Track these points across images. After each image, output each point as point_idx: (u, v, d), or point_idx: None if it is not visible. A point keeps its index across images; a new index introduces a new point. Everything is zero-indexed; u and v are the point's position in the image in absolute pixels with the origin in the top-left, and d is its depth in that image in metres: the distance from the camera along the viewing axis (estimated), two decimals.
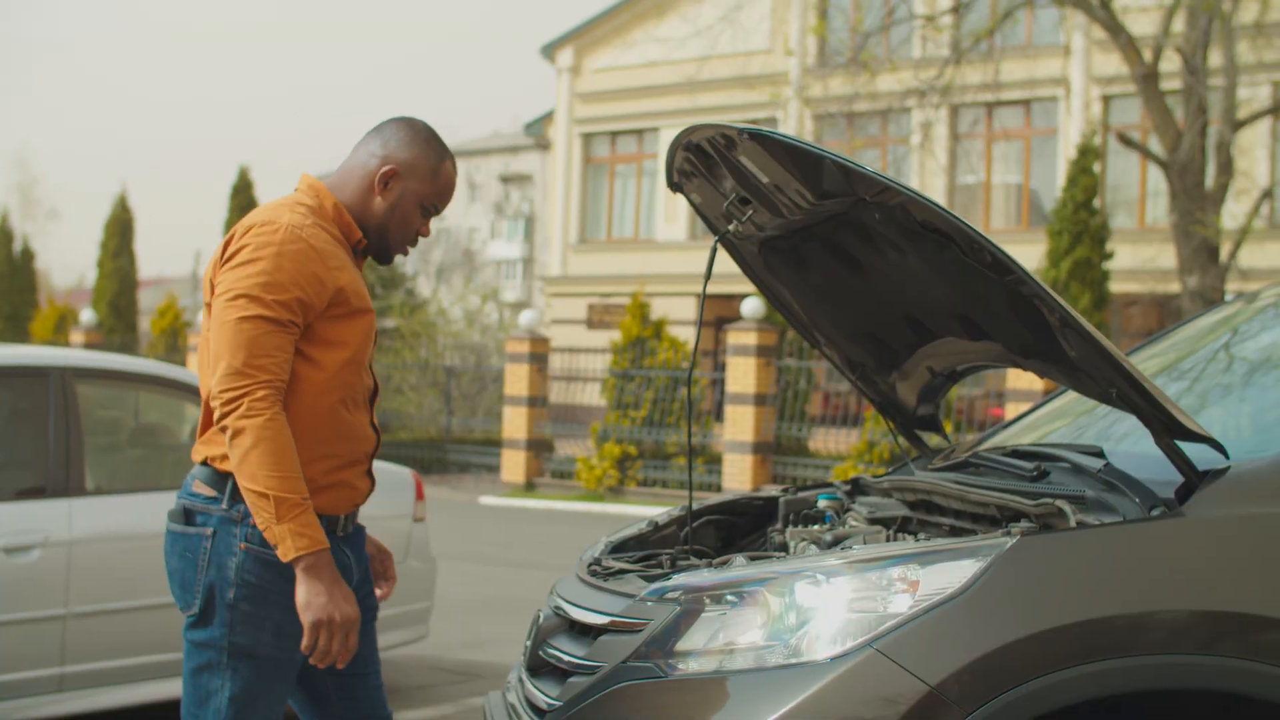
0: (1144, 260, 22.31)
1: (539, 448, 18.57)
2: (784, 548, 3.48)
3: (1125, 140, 16.97)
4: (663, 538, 3.73)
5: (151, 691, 5.29)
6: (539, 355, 18.62)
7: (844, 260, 3.50)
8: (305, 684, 3.05)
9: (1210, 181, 16.07)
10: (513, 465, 18.53)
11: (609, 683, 2.78)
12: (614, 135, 31.46)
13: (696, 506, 3.78)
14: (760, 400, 16.33)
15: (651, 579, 3.06)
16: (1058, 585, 2.63)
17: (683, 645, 2.73)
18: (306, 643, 2.76)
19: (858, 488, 3.93)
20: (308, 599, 2.75)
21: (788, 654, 2.63)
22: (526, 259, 49.86)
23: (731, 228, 3.48)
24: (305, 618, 2.75)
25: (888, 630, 2.58)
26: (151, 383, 5.86)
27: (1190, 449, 2.81)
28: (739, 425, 16.39)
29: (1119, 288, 21.32)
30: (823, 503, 3.72)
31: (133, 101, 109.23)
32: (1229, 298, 14.43)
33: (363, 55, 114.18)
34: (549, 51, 31.94)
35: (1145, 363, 3.99)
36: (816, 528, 3.54)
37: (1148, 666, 2.60)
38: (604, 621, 2.94)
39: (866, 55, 17.06)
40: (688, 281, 28.10)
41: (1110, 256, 17.40)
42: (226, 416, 2.75)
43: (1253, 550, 2.73)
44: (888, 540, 3.34)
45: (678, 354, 17.74)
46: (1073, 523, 2.73)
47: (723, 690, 2.64)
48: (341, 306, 2.90)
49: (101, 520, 5.21)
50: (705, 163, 3.37)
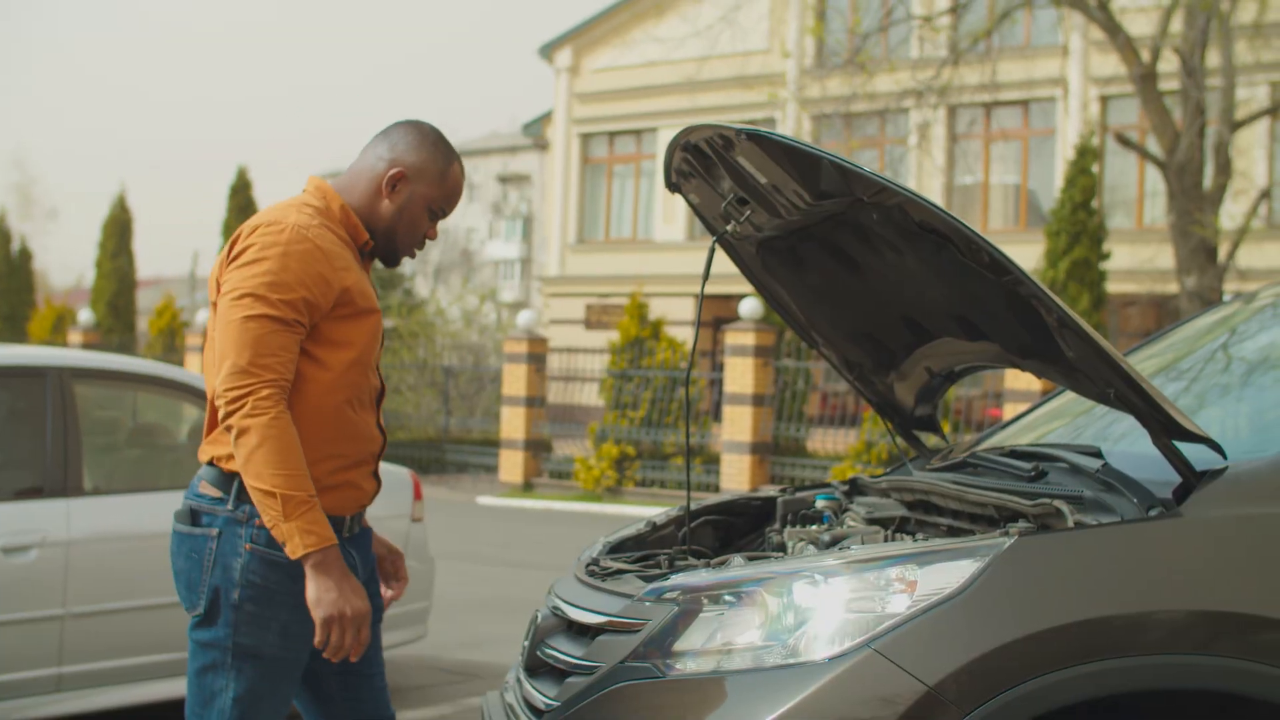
0: (1142, 260, 22.32)
1: (537, 448, 18.57)
2: (782, 548, 3.48)
3: (1123, 140, 16.97)
4: (661, 538, 3.73)
5: (149, 692, 5.28)
6: (537, 355, 18.61)
7: (842, 260, 3.50)
8: (310, 684, 3.06)
9: (1208, 182, 16.07)
10: (511, 465, 18.53)
11: (607, 683, 2.77)
12: (612, 135, 31.45)
13: (694, 507, 3.78)
14: (758, 400, 16.33)
15: (649, 579, 3.06)
16: (1056, 585, 2.63)
17: (681, 645, 2.72)
18: (319, 639, 2.77)
19: (856, 488, 3.93)
20: (318, 595, 2.75)
21: (786, 654, 2.63)
22: (524, 259, 49.88)
23: (729, 228, 3.48)
24: (316, 614, 2.75)
25: (886, 630, 2.58)
26: (149, 383, 5.86)
27: (1188, 449, 2.81)
28: (737, 425, 16.40)
29: (1117, 288, 21.33)
30: (821, 503, 3.71)
31: (132, 101, 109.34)
32: (1227, 298, 14.45)
33: (362, 55, 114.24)
34: (547, 52, 31.93)
35: (1143, 363, 3.99)
36: (814, 528, 3.53)
37: (1145, 666, 2.60)
38: (602, 621, 2.93)
39: (864, 56, 17.05)
40: (686, 282, 28.10)
41: (1108, 257, 17.41)
42: (231, 415, 2.75)
43: (1250, 550, 2.73)
44: (886, 540, 3.34)
45: (676, 354, 17.74)
46: (1070, 523, 2.73)
47: (720, 690, 2.64)
48: (347, 307, 2.90)
49: (99, 520, 5.20)
50: (703, 163, 3.36)
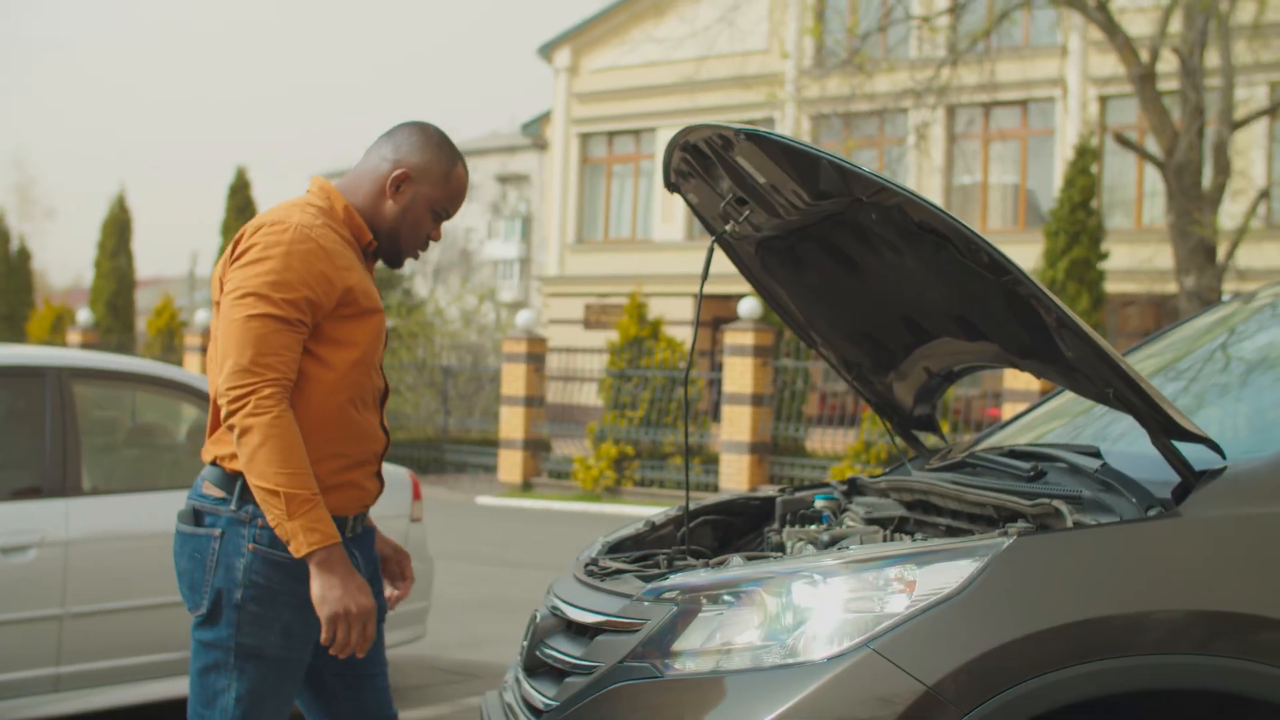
0: (1141, 260, 22.31)
1: (536, 448, 18.57)
2: (781, 548, 3.48)
3: (1122, 141, 16.97)
4: (660, 538, 3.73)
5: (148, 691, 5.28)
6: (536, 355, 18.61)
7: (841, 260, 3.50)
8: (312, 684, 3.06)
9: (1207, 182, 16.08)
10: (510, 465, 18.52)
11: (606, 683, 2.77)
12: (611, 135, 31.45)
13: (693, 506, 3.78)
14: (757, 400, 16.33)
15: (648, 579, 3.06)
16: (1054, 585, 2.63)
17: (679, 645, 2.72)
18: (325, 636, 2.77)
19: (854, 488, 3.93)
20: (323, 593, 2.75)
21: (784, 654, 2.63)
22: (523, 259, 49.84)
23: (728, 228, 3.47)
24: (322, 612, 2.75)
25: (884, 630, 2.58)
26: (148, 383, 5.86)
27: (1187, 449, 2.81)
28: (736, 425, 16.40)
29: (1116, 288, 21.33)
30: (820, 503, 3.71)
31: (132, 101, 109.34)
32: (1226, 298, 14.44)
33: (362, 55, 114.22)
34: (546, 52, 31.92)
35: (1142, 363, 3.99)
36: (813, 528, 3.53)
37: (1144, 666, 2.60)
38: (601, 621, 2.93)
39: (863, 56, 17.06)
40: (685, 282, 28.10)
41: (1107, 257, 17.42)
42: (234, 414, 2.75)
43: (1249, 550, 2.73)
44: (885, 540, 3.34)
45: (675, 354, 17.74)
46: (1069, 523, 2.73)
47: (719, 690, 2.64)
48: (350, 306, 2.90)
49: (98, 520, 5.20)
50: (702, 163, 3.36)
